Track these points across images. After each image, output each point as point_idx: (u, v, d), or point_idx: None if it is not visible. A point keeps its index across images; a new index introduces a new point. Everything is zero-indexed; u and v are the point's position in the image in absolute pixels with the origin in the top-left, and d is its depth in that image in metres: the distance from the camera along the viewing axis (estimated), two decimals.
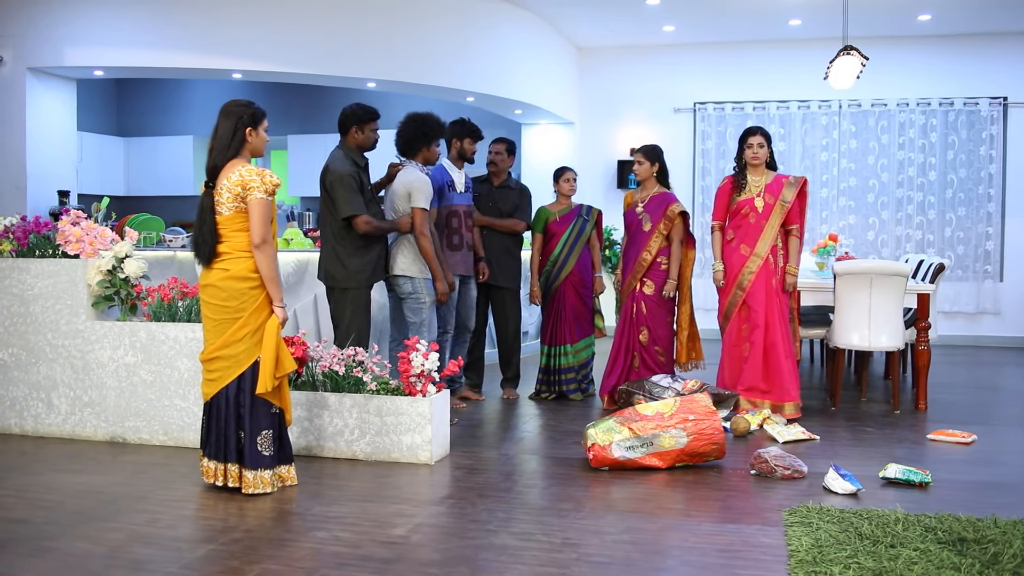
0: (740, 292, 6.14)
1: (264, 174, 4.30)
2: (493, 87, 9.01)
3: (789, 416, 6.01)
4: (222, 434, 4.33)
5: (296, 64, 7.63)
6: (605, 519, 4.06)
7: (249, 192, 4.24)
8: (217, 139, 4.36)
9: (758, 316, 6.07)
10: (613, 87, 11.14)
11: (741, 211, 6.19)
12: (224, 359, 4.30)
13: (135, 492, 4.38)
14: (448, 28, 8.59)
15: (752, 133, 6.20)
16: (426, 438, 4.94)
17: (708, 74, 10.87)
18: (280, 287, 4.36)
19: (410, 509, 4.21)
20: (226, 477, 4.35)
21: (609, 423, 4.94)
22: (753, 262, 6.11)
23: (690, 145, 10.95)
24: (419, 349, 4.98)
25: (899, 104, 10.38)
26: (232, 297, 4.27)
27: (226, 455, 4.34)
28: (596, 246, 7.11)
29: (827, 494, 4.46)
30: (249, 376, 4.31)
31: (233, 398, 4.32)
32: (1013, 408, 7.06)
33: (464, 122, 6.63)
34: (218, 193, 4.30)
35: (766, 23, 9.84)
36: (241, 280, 4.27)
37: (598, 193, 11.21)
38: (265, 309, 4.34)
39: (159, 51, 7.39)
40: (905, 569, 3.38)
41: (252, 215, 4.24)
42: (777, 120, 10.68)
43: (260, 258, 4.27)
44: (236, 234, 4.29)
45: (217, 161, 4.32)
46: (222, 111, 4.40)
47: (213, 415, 4.36)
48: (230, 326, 4.28)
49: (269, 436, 4.36)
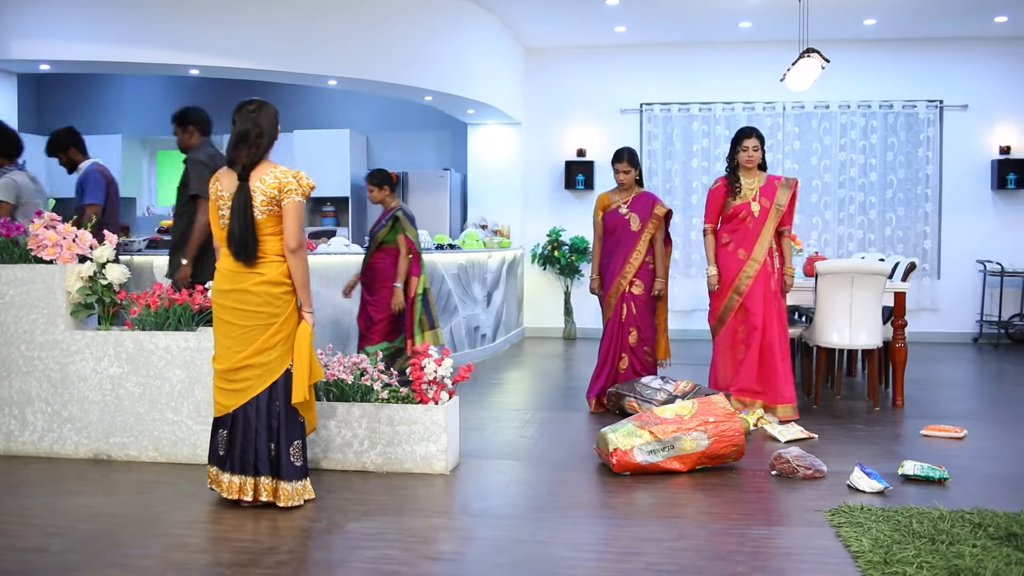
0: (737, 296, 6.07)
1: (300, 176, 4.10)
2: (451, 86, 8.85)
3: (784, 418, 5.98)
4: (251, 446, 4.10)
5: (256, 60, 7.34)
6: (651, 525, 3.97)
7: (287, 195, 4.03)
8: (256, 137, 4.10)
9: (756, 318, 6.02)
10: (560, 87, 11.10)
11: (738, 215, 6.10)
12: (256, 367, 4.07)
13: (146, 514, 4.10)
14: (407, 25, 8.40)
15: (747, 135, 6.11)
16: (441, 447, 4.77)
17: (655, 75, 10.92)
18: (310, 292, 4.16)
19: (447, 522, 4.06)
20: (256, 491, 4.12)
21: (629, 427, 4.86)
22: (751, 266, 6.05)
23: (636, 146, 10.94)
24: (431, 355, 4.82)
25: (841, 106, 10.61)
26: (267, 303, 4.05)
27: (256, 468, 4.10)
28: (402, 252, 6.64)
29: (853, 493, 4.46)
30: (282, 385, 4.09)
31: (265, 408, 4.09)
32: (984, 402, 7.25)
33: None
34: (251, 194, 4.07)
35: (717, 25, 9.93)
36: (276, 285, 4.06)
37: (544, 194, 11.16)
38: (296, 315, 4.14)
39: (113, 45, 7.00)
40: (977, 566, 3.37)
41: (288, 219, 4.04)
42: (723, 121, 10.79)
43: (295, 263, 4.07)
44: (270, 238, 4.08)
45: (260, 157, 4.10)
46: (250, 111, 4.15)
47: (239, 427, 4.12)
48: (262, 333, 4.06)
49: (300, 446, 4.16)
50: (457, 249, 8.88)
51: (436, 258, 8.29)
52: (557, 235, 10.85)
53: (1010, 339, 10.44)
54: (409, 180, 10.86)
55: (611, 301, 6.56)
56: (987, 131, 10.47)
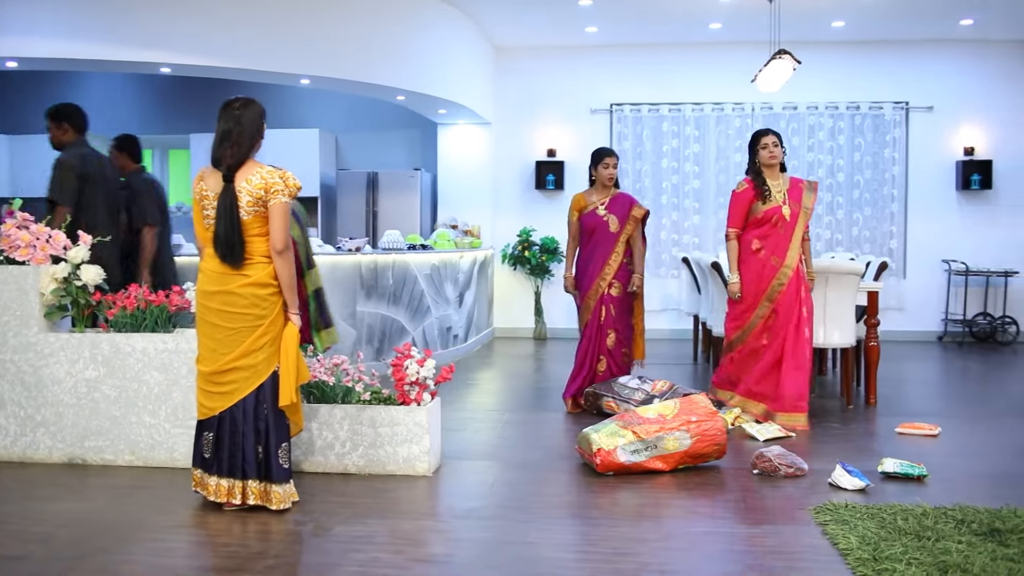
0: (769, 304, 5.90)
1: (287, 176, 4.06)
2: (423, 85, 8.81)
3: (801, 427, 5.78)
4: (239, 449, 4.05)
5: (228, 59, 7.25)
6: (639, 526, 3.98)
7: (273, 196, 3.99)
8: (239, 136, 4.05)
9: (783, 324, 5.85)
10: (530, 87, 11.09)
11: (770, 220, 5.92)
12: (243, 370, 4.02)
13: (128, 519, 4.04)
14: (380, 24, 8.35)
15: (765, 133, 5.98)
16: (424, 449, 4.74)
17: (625, 75, 10.95)
18: (296, 294, 4.12)
19: (435, 524, 4.04)
20: (245, 495, 4.06)
21: (611, 427, 4.86)
22: (784, 274, 5.88)
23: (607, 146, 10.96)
24: (414, 356, 4.79)
25: (809, 107, 10.71)
26: (254, 305, 4.01)
27: (244, 471, 4.05)
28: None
29: (835, 491, 4.50)
30: (269, 387, 4.05)
31: (252, 410, 4.04)
32: (953, 400, 7.33)
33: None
34: (236, 195, 4.01)
35: (687, 26, 9.98)
36: (262, 287, 4.02)
37: (514, 194, 11.15)
38: (282, 317, 4.10)
39: (84, 43, 6.87)
40: (964, 562, 3.41)
41: (275, 220, 3.99)
42: (692, 122, 10.85)
43: (281, 264, 4.03)
44: (255, 239, 4.03)
45: (245, 156, 4.05)
46: (234, 108, 4.09)
47: (225, 429, 4.07)
48: (249, 335, 4.01)
49: (287, 449, 4.12)
50: (429, 249, 8.84)
51: (409, 258, 8.25)
52: (528, 235, 10.84)
53: (974, 337, 10.59)
54: (379, 180, 10.80)
55: (590, 303, 6.53)
56: (952, 132, 10.62)
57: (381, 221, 10.71)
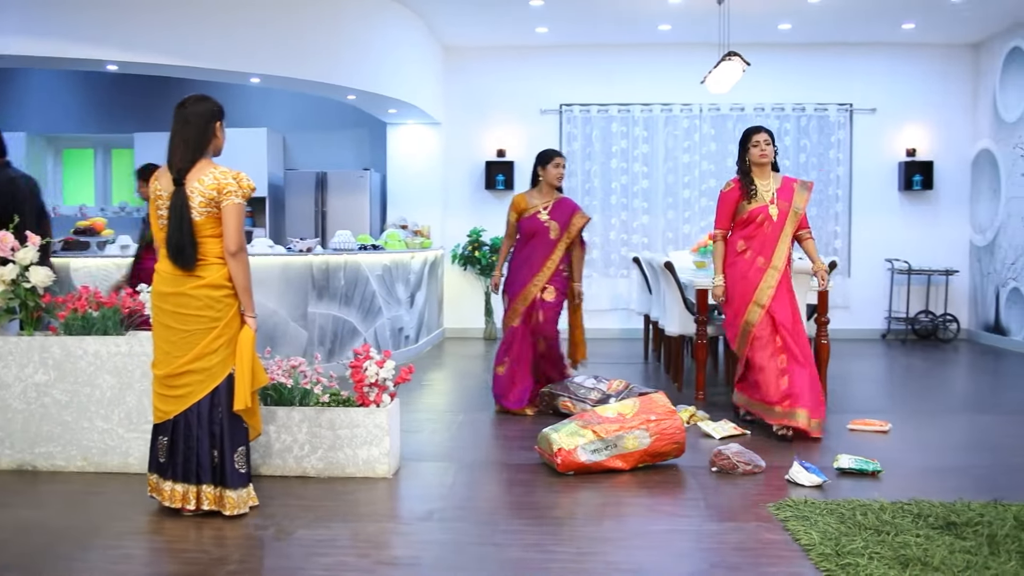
0: (759, 309, 5.62)
1: (240, 177, 3.99)
2: (374, 85, 8.75)
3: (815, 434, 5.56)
4: (193, 453, 3.97)
5: (178, 57, 7.12)
6: (604, 524, 3.99)
7: (226, 197, 3.92)
8: (191, 136, 3.99)
9: (784, 327, 5.60)
10: (479, 88, 11.08)
11: (755, 219, 5.69)
12: (197, 372, 3.95)
13: (83, 525, 3.95)
14: (331, 22, 8.27)
15: (756, 131, 5.75)
16: (384, 451, 4.71)
17: (575, 76, 10.99)
18: (252, 296, 4.05)
19: (399, 527, 4.00)
20: (199, 500, 3.99)
21: (571, 427, 4.87)
22: (772, 275, 5.64)
23: (556, 146, 10.99)
24: (373, 357, 4.75)
25: (756, 109, 10.84)
26: (208, 307, 3.94)
27: (199, 476, 3.98)
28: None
29: (793, 487, 4.55)
30: (224, 390, 3.98)
31: (207, 414, 3.97)
32: (900, 396, 7.47)
33: None
34: (187, 196, 3.94)
35: (637, 27, 10.04)
36: (217, 288, 3.95)
37: (464, 194, 11.13)
38: (239, 319, 4.03)
39: (27, 38, 6.69)
40: (924, 555, 3.48)
41: (228, 221, 3.92)
42: (641, 123, 10.92)
43: (235, 266, 3.96)
44: (209, 240, 3.96)
45: (195, 157, 3.97)
46: (184, 106, 4.04)
47: (180, 433, 3.99)
48: (203, 337, 3.94)
49: (244, 453, 4.05)
50: (381, 250, 8.78)
51: (360, 259, 8.19)
52: (478, 235, 10.83)
53: (916, 335, 10.82)
54: (328, 180, 10.71)
55: (518, 308, 6.39)
56: (894, 134, 10.83)
57: (330, 221, 10.62)
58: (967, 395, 7.66)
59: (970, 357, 9.53)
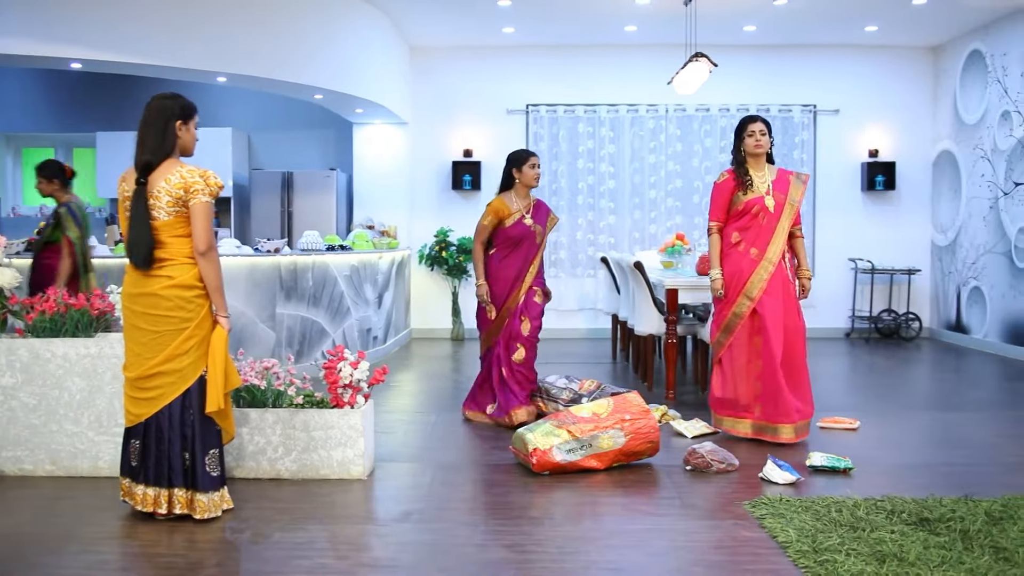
0: (748, 302, 5.45)
1: (207, 175, 3.94)
2: (342, 84, 8.70)
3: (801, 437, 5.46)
4: (165, 456, 3.92)
5: (143, 55, 7.02)
6: (583, 524, 3.99)
7: (193, 195, 3.87)
8: (148, 135, 3.95)
9: (773, 328, 5.41)
10: (446, 87, 11.05)
11: (750, 211, 5.49)
12: (168, 374, 3.90)
13: (55, 531, 3.88)
14: (297, 21, 8.21)
15: (752, 120, 5.56)
16: (359, 452, 4.68)
17: (541, 76, 11.00)
18: (224, 296, 4.01)
19: (377, 528, 3.98)
20: (171, 503, 3.94)
21: (546, 427, 4.88)
22: (764, 268, 5.44)
23: (523, 146, 10.99)
24: (347, 359, 4.72)
25: (721, 110, 10.91)
26: (178, 307, 3.89)
27: (171, 479, 3.93)
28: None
29: (767, 485, 4.59)
30: (195, 392, 3.93)
31: (178, 416, 3.92)
32: (867, 394, 7.55)
33: None
34: (154, 196, 3.90)
35: (604, 28, 10.07)
36: (187, 288, 3.90)
37: (431, 194, 11.09)
38: (210, 319, 3.98)
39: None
40: (900, 551, 3.52)
41: (196, 220, 3.88)
42: (607, 123, 10.96)
43: (205, 265, 3.91)
44: (177, 240, 3.91)
45: (154, 159, 3.92)
46: (148, 105, 4.00)
47: (152, 436, 3.94)
48: (174, 338, 3.89)
49: (216, 455, 4.00)
50: (348, 250, 8.73)
51: (329, 259, 8.14)
52: (445, 235, 10.80)
53: (879, 333, 10.95)
54: (295, 180, 10.64)
55: (505, 315, 6.25)
56: (857, 135, 10.96)
57: (296, 222, 10.55)
58: (932, 393, 7.76)
59: (932, 355, 9.66)
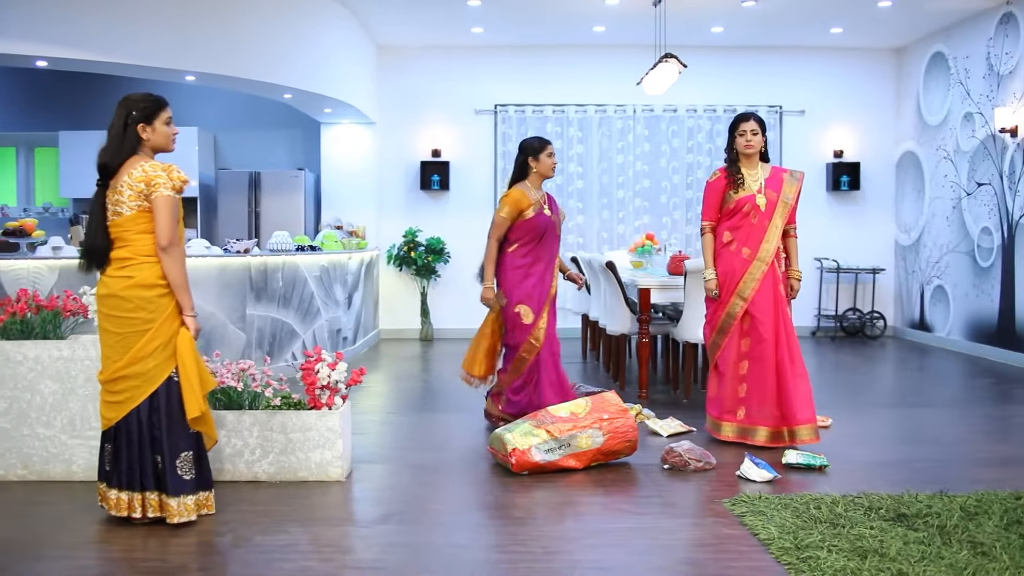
0: (741, 302, 5.36)
1: (171, 169, 3.88)
2: (311, 84, 8.65)
3: (808, 440, 5.26)
4: (136, 460, 3.87)
5: (110, 54, 6.91)
6: (565, 524, 4.00)
7: (154, 189, 3.81)
8: (109, 137, 3.92)
9: (765, 329, 5.31)
10: (414, 87, 11.01)
11: (742, 209, 5.41)
12: (133, 377, 3.84)
13: (30, 537, 3.81)
14: (267, 19, 8.14)
15: (744, 119, 5.46)
16: (337, 454, 4.65)
17: (510, 76, 11.00)
18: (190, 294, 3.93)
19: (359, 530, 3.96)
20: (144, 507, 3.89)
21: (525, 427, 4.88)
22: (757, 267, 5.35)
23: (491, 147, 11.04)
24: (324, 359, 4.69)
25: (688, 110, 10.99)
26: (139, 307, 3.82)
27: (143, 483, 3.88)
28: None
29: (744, 482, 4.63)
30: (163, 394, 3.87)
31: (146, 419, 3.86)
32: (835, 392, 7.61)
33: None
34: (118, 192, 3.85)
35: (572, 28, 10.09)
36: (148, 288, 3.83)
37: (399, 194, 11.06)
38: (175, 319, 3.90)
39: None
40: (880, 547, 3.56)
41: (158, 214, 3.81)
42: (576, 123, 10.98)
43: (168, 262, 3.84)
44: (140, 236, 3.85)
45: (108, 160, 3.88)
46: (117, 104, 3.95)
47: (122, 440, 3.88)
48: (137, 340, 3.83)
49: (189, 458, 3.94)
50: (318, 251, 8.67)
51: (299, 260, 8.08)
52: (413, 236, 10.77)
53: (844, 332, 11.08)
54: (262, 180, 10.55)
55: (548, 306, 5.92)
56: (822, 135, 11.08)
57: (264, 222, 10.47)
58: (899, 390, 7.86)
59: (897, 353, 9.79)
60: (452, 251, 10.89)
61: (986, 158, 9.25)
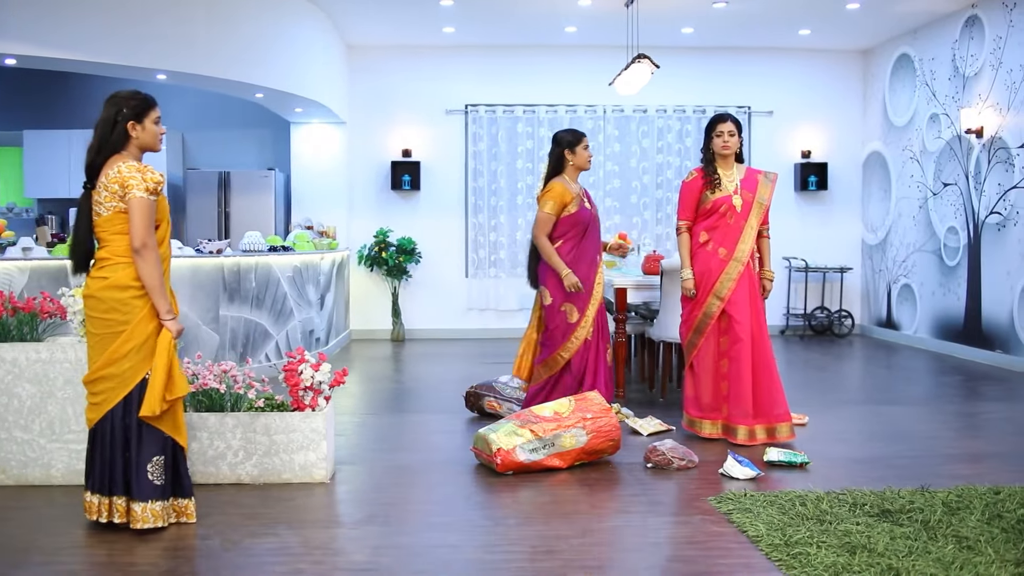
0: (718, 301, 5.42)
1: (145, 171, 3.83)
2: (282, 83, 8.59)
3: (785, 439, 5.38)
4: (107, 464, 3.81)
5: (80, 52, 6.82)
6: (553, 523, 4.00)
7: (128, 190, 3.76)
8: (95, 135, 3.87)
9: (742, 328, 5.36)
10: (384, 87, 10.97)
11: (718, 210, 5.46)
12: (108, 379, 3.79)
13: (13, 543, 3.75)
14: (237, 18, 8.08)
15: (722, 120, 5.51)
16: (321, 455, 4.62)
17: (480, 76, 11.00)
18: (165, 297, 3.83)
19: (348, 532, 3.94)
20: (111, 512, 3.84)
21: (509, 427, 4.88)
22: (733, 267, 5.41)
23: (462, 147, 11.03)
24: (308, 360, 4.66)
25: (658, 111, 11.04)
26: (113, 309, 3.78)
27: (111, 487, 3.83)
28: None
29: (728, 480, 4.66)
30: (136, 396, 3.82)
31: (120, 422, 3.81)
32: (808, 390, 7.69)
33: None
34: (96, 193, 3.80)
35: (543, 29, 10.11)
36: (122, 289, 3.78)
37: (370, 195, 11.01)
38: (152, 321, 3.83)
39: None
40: (868, 542, 3.60)
41: (132, 216, 3.76)
42: (546, 123, 11.00)
43: (140, 264, 3.77)
44: (116, 237, 3.80)
45: (94, 159, 3.83)
46: (105, 102, 3.91)
47: (98, 443, 3.84)
48: (112, 341, 3.79)
49: (160, 463, 3.86)
50: (291, 251, 8.62)
51: (271, 260, 8.02)
52: (384, 236, 10.72)
53: (813, 330, 11.20)
54: (231, 180, 10.46)
55: (590, 314, 5.87)
56: (791, 136, 11.19)
57: (234, 222, 10.38)
58: (870, 387, 7.95)
59: (865, 351, 9.91)
60: (423, 251, 10.87)
61: (952, 159, 9.39)
